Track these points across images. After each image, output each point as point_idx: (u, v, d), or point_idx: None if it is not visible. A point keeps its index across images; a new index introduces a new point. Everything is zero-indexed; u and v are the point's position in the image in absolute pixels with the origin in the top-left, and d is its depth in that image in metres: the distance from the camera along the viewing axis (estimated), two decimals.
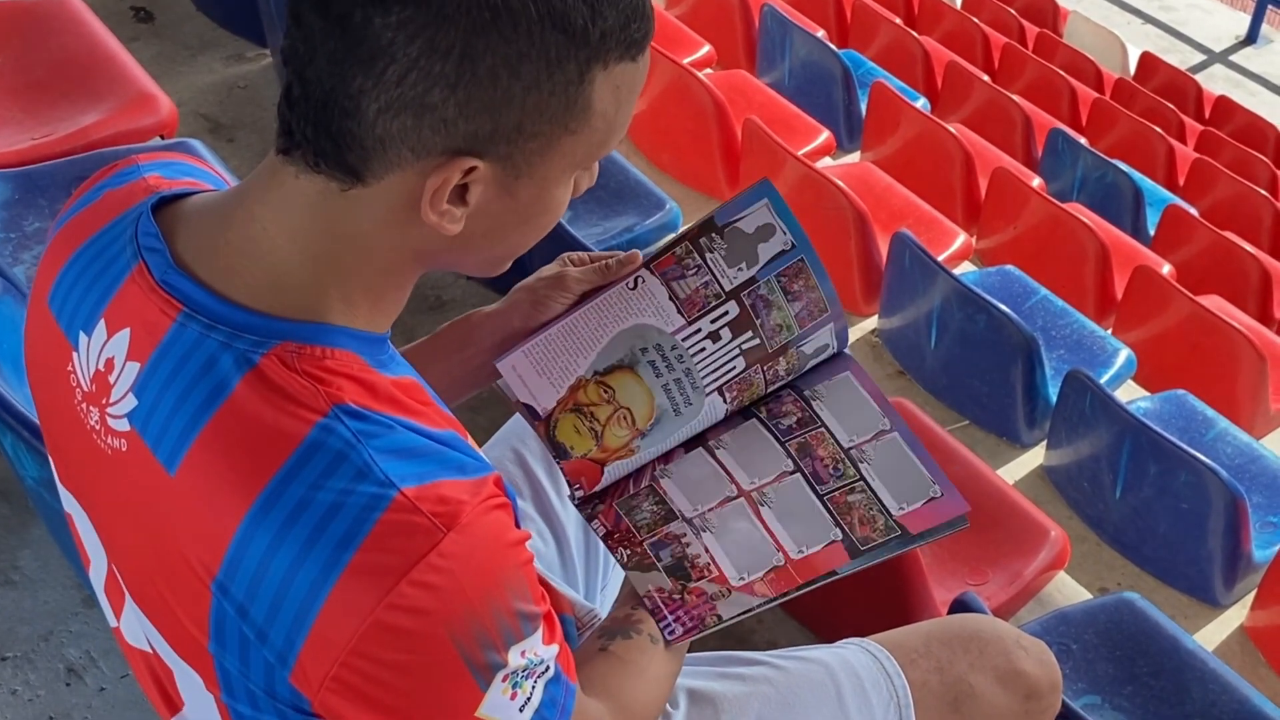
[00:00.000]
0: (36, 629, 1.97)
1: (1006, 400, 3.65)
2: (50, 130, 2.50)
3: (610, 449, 1.21)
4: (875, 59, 6.58)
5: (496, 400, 2.00)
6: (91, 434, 0.94)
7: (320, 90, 0.83)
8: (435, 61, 0.80)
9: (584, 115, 0.87)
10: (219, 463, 0.86)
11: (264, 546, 0.84)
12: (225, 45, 3.84)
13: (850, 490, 1.21)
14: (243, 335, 0.88)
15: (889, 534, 1.19)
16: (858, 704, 1.33)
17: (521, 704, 0.90)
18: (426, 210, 0.86)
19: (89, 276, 0.95)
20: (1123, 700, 2.08)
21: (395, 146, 0.83)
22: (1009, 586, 2.44)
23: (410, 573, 0.83)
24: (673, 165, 4.41)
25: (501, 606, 0.87)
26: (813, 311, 1.20)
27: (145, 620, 0.98)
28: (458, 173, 0.85)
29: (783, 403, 1.24)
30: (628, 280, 1.21)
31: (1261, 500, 3.53)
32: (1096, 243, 4.62)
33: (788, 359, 1.22)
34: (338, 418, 0.86)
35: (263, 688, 0.89)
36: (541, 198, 0.91)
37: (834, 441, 1.22)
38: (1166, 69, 10.79)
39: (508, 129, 0.84)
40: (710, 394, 1.20)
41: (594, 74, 0.85)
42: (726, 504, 1.22)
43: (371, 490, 0.84)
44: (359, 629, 0.83)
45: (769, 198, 1.19)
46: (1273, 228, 6.83)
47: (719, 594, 1.20)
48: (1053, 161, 6.31)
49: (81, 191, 1.03)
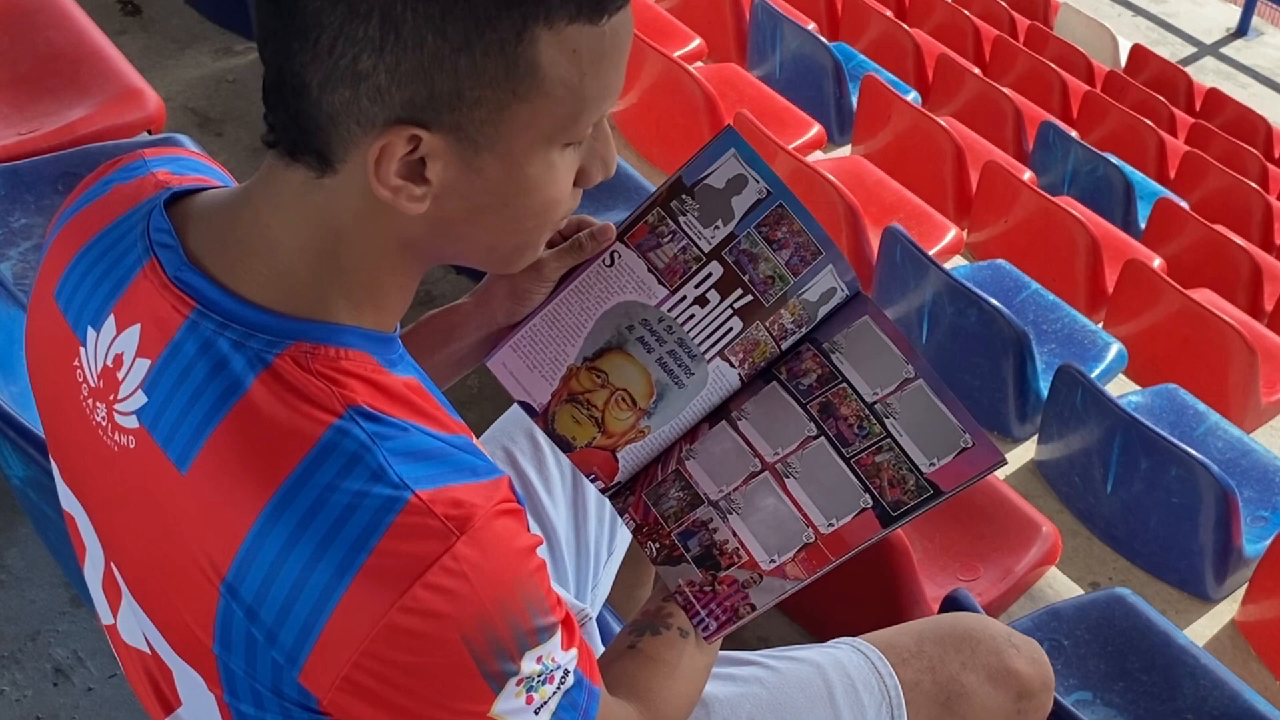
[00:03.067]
0: (23, 629, 1.96)
1: (998, 394, 3.65)
2: (37, 125, 2.49)
3: (616, 434, 1.19)
4: (866, 52, 6.56)
5: (487, 397, 1.99)
6: (97, 430, 0.93)
7: (274, 69, 0.83)
8: (358, 25, 0.78)
9: (532, 79, 0.83)
10: (233, 462, 0.86)
11: (277, 547, 0.83)
12: (213, 39, 3.82)
13: (878, 450, 1.15)
14: (256, 334, 0.87)
15: (920, 494, 1.14)
16: (849, 704, 1.32)
17: (538, 708, 0.90)
18: (375, 184, 0.83)
19: (99, 271, 0.94)
20: (1114, 696, 2.08)
21: (343, 122, 0.82)
22: (1000, 582, 2.44)
23: (424, 575, 0.82)
24: (663, 158, 4.39)
25: (515, 612, 0.86)
26: (804, 257, 1.14)
27: (145, 619, 0.97)
28: (399, 141, 0.82)
29: (802, 360, 1.18)
30: (603, 257, 1.17)
31: (1252, 494, 3.54)
32: (1087, 236, 4.63)
33: (791, 310, 1.16)
34: (353, 419, 0.85)
35: (269, 687, 0.88)
36: (514, 175, 0.87)
37: (857, 398, 1.16)
38: (1157, 61, 10.81)
39: (446, 95, 0.81)
40: (712, 360, 1.17)
41: (534, 33, 0.81)
42: (751, 480, 1.18)
43: (386, 493, 0.83)
44: (372, 631, 0.82)
45: (735, 147, 1.14)
46: (1263, 221, 6.84)
47: (750, 580, 1.17)
48: (1044, 155, 6.31)
49: (86, 185, 1.02)
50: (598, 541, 1.52)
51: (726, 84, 4.66)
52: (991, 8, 9.78)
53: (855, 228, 3.90)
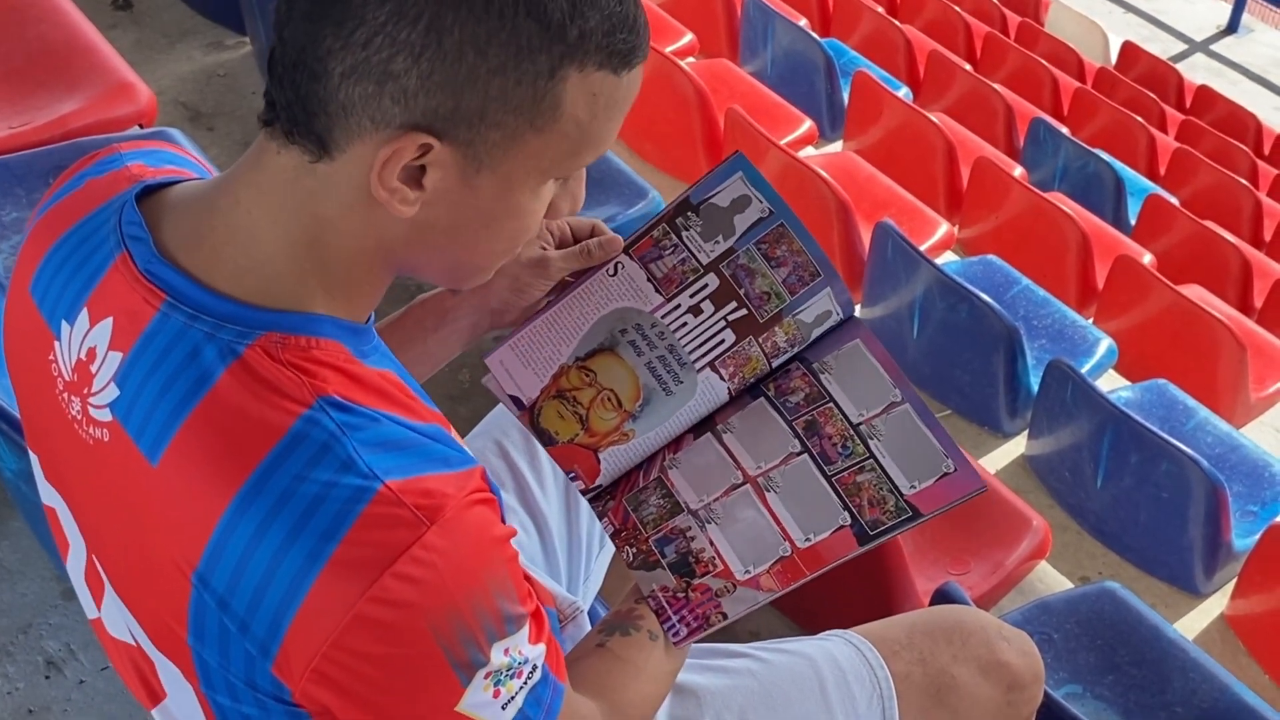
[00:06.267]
0: (15, 621, 1.96)
1: (988, 390, 3.66)
2: (28, 119, 2.48)
3: (599, 433, 1.20)
4: (857, 48, 6.57)
5: (479, 392, 1.99)
6: (73, 424, 0.93)
7: (294, 49, 0.83)
8: (402, 28, 0.79)
9: (552, 114, 0.85)
10: (201, 454, 0.86)
11: (246, 538, 0.84)
12: (204, 33, 3.81)
13: (859, 469, 1.17)
14: (227, 326, 0.87)
15: (899, 515, 1.16)
16: (841, 696, 1.33)
17: (504, 702, 0.90)
18: (375, 183, 0.84)
19: (72, 265, 0.95)
20: (1104, 689, 2.09)
21: (356, 114, 0.83)
22: (991, 576, 2.45)
23: (393, 565, 0.82)
24: (655, 154, 4.40)
25: (484, 603, 0.86)
26: (802, 276, 1.17)
27: (126, 612, 0.97)
28: (411, 147, 0.83)
29: (791, 378, 1.20)
30: (607, 267, 1.20)
31: (1241, 489, 3.55)
32: (1078, 232, 4.64)
33: (785, 329, 1.18)
34: (322, 409, 0.85)
35: (243, 679, 0.88)
36: (505, 198, 0.89)
37: (842, 418, 1.18)
38: (1148, 58, 10.83)
39: (470, 112, 0.83)
40: (701, 370, 1.18)
41: (567, 73, 0.84)
42: (732, 492, 1.19)
43: (355, 483, 0.83)
44: (341, 622, 0.83)
45: (743, 170, 1.17)
46: (1253, 217, 6.86)
47: (724, 589, 1.18)
48: (1034, 151, 6.32)
49: (63, 180, 1.02)
50: (590, 535, 1.52)
51: (718, 80, 4.67)
52: (982, 4, 9.80)
53: (846, 223, 3.90)
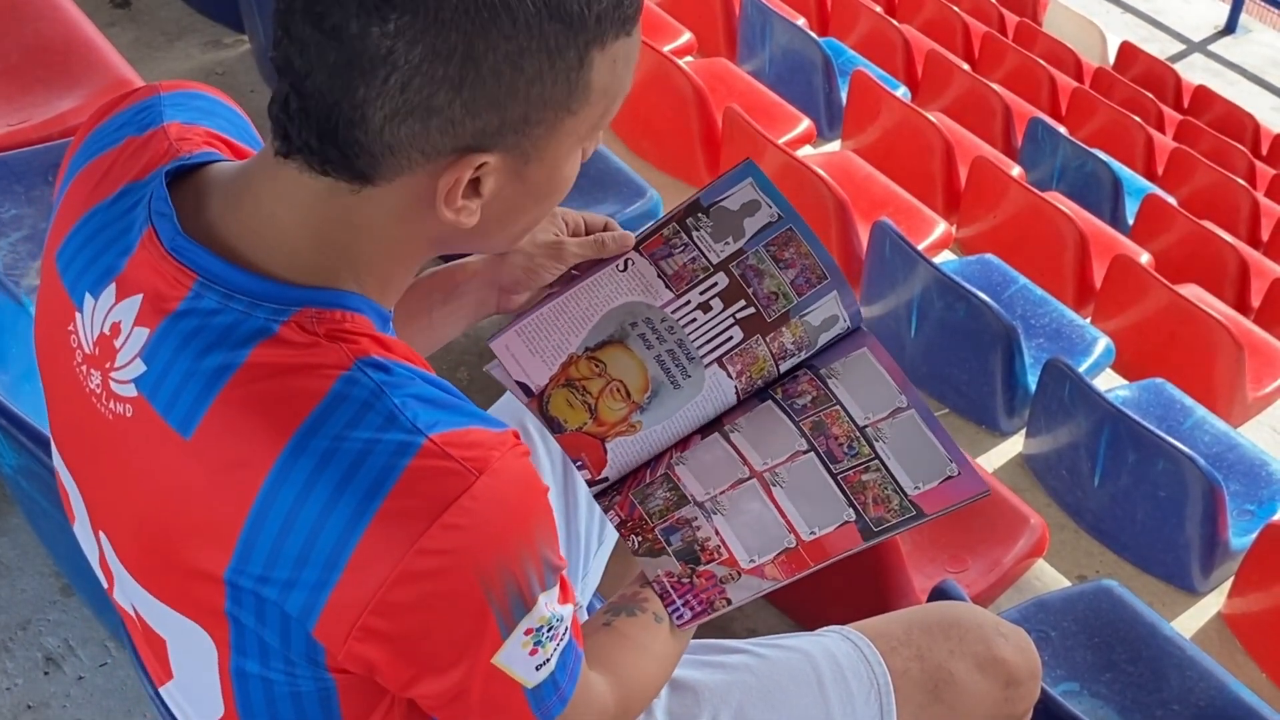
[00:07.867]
0: (14, 617, 1.96)
1: (986, 389, 3.66)
2: (26, 116, 2.48)
3: (607, 423, 1.21)
4: (856, 47, 6.58)
5: (477, 390, 2.00)
6: (90, 397, 0.93)
7: (323, 103, 0.82)
8: (438, 66, 0.80)
9: (584, 95, 0.87)
10: (240, 423, 0.86)
11: (290, 501, 0.84)
12: (202, 31, 3.81)
13: (865, 469, 1.20)
14: (262, 304, 0.87)
15: (903, 514, 1.18)
16: (839, 692, 1.33)
17: (540, 663, 0.92)
18: (443, 209, 0.87)
19: (102, 240, 0.94)
20: (1101, 687, 2.09)
21: (404, 151, 0.83)
22: (988, 574, 2.45)
23: (441, 516, 0.83)
24: (653, 153, 4.40)
25: (529, 551, 0.88)
26: (810, 279, 1.21)
27: (137, 589, 0.97)
28: (469, 169, 0.85)
29: (798, 382, 1.23)
30: (618, 262, 1.22)
31: (1239, 488, 3.56)
32: (1075, 232, 4.64)
33: (792, 329, 1.22)
34: (361, 370, 0.86)
35: (278, 640, 0.89)
36: (552, 177, 0.92)
37: (849, 419, 1.21)
38: (1146, 58, 10.83)
39: (514, 120, 0.85)
40: (710, 365, 1.21)
41: (592, 56, 0.85)
42: (739, 485, 1.21)
43: (399, 437, 0.84)
44: (389, 575, 0.83)
45: (753, 176, 1.21)
46: (1250, 217, 6.86)
47: (729, 576, 1.20)
48: (1032, 150, 6.33)
49: (100, 119, 1.02)
50: (588, 531, 1.53)
51: (716, 79, 4.67)
52: (981, 4, 9.80)
53: (844, 222, 3.90)
